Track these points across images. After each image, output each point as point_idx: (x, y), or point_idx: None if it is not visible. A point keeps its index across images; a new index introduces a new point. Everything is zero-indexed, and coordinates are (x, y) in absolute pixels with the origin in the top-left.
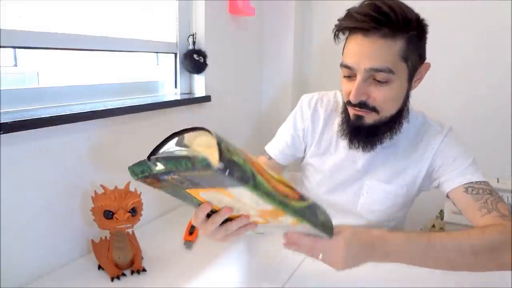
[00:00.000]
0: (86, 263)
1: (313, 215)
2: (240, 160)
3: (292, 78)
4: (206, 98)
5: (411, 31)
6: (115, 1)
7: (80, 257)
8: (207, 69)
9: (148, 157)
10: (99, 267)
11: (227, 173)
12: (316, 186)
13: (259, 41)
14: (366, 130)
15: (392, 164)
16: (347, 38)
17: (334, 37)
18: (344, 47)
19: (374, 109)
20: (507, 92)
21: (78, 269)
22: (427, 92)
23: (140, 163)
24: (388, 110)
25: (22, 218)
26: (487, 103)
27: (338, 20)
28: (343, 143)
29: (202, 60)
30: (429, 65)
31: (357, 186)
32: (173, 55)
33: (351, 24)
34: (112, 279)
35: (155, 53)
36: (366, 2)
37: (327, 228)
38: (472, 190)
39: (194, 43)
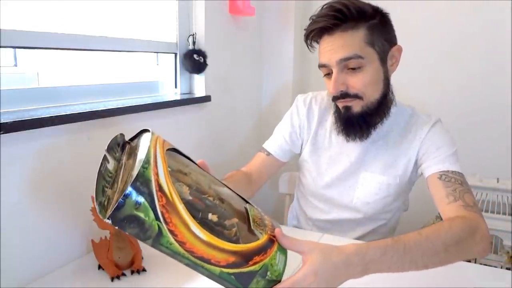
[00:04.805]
0: (86, 263)
1: (235, 284)
2: (147, 218)
3: (292, 78)
4: (206, 98)
5: (370, 20)
6: (115, 1)
7: (80, 257)
8: (207, 69)
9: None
10: (99, 267)
11: (117, 227)
12: (312, 182)
13: (259, 41)
14: (357, 119)
15: (384, 156)
16: (318, 44)
17: (307, 46)
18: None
19: (356, 96)
20: (507, 92)
21: (78, 269)
22: (427, 92)
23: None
24: (370, 94)
25: (22, 218)
26: (487, 104)
27: (304, 29)
28: (337, 138)
29: (202, 60)
30: (400, 47)
31: (352, 180)
32: (173, 55)
33: (315, 27)
34: (112, 279)
35: (155, 53)
36: (324, 6)
37: None
38: (445, 177)
39: (194, 43)
